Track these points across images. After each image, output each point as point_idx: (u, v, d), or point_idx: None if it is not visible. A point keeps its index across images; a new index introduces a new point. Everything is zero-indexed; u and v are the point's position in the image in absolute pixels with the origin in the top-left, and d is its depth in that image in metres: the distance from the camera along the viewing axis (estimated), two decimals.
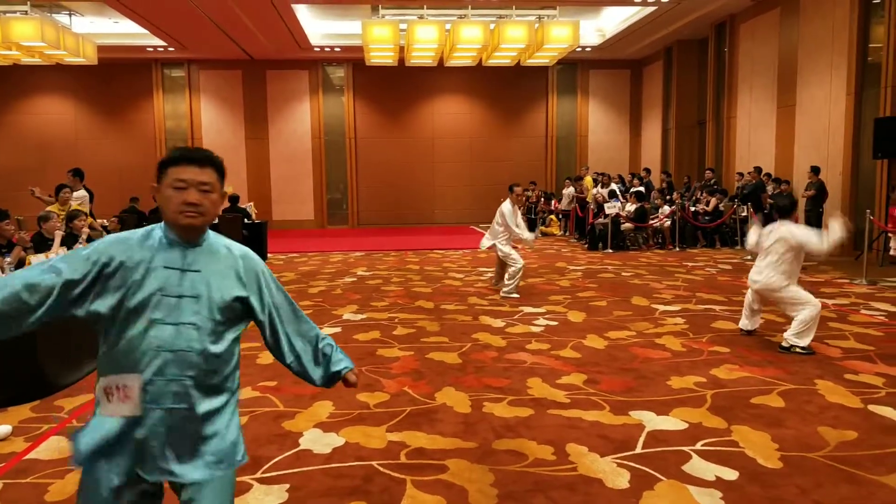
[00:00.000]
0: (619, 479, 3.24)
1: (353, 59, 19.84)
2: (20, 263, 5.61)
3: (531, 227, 17.29)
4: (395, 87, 20.82)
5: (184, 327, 1.92)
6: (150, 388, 1.89)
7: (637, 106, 21.55)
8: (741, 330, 6.19)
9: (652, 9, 15.34)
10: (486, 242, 8.80)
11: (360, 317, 7.24)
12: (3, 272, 4.58)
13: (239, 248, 2.10)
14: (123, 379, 1.90)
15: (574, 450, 3.60)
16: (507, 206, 8.54)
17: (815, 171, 12.16)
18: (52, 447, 3.79)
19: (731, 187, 15.02)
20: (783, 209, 5.93)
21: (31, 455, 3.69)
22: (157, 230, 2.00)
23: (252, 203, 16.88)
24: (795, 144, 13.72)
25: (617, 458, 3.48)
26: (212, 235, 2.07)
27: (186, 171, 1.95)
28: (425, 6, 14.45)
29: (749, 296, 6.08)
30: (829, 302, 7.57)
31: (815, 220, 12.05)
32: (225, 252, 2.05)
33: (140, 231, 2.01)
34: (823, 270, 10.09)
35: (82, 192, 9.45)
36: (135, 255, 1.93)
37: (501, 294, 8.30)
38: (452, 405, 4.35)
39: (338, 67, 20.79)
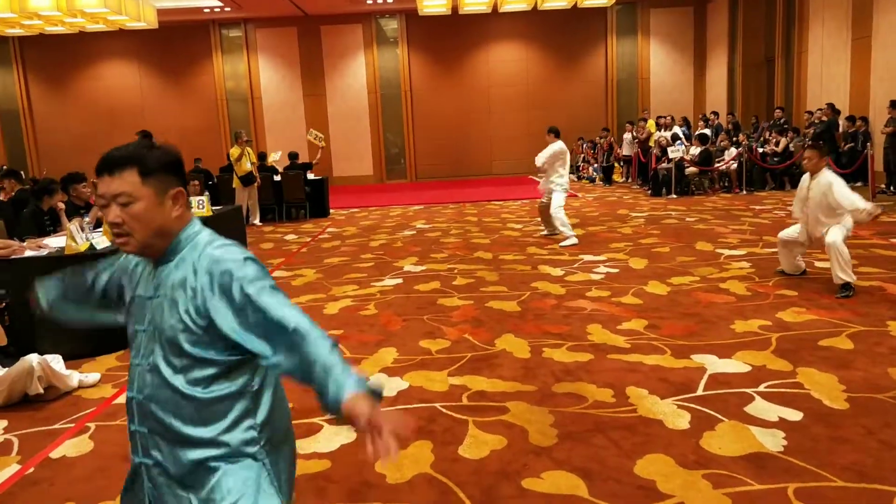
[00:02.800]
0: (680, 421, 3.26)
1: (405, 9, 19.63)
2: (98, 223, 5.91)
3: (605, 175, 16.99)
4: (449, 36, 20.51)
5: (144, 370, 1.52)
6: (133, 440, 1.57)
7: (701, 45, 20.64)
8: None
9: None
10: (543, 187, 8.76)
11: (420, 268, 7.35)
12: (82, 230, 4.87)
13: (209, 255, 1.49)
14: None
15: (634, 392, 3.63)
16: (562, 145, 8.45)
17: (895, 105, 11.50)
18: None
19: (802, 127, 14.36)
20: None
21: (119, 400, 3.95)
22: None
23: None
24: (872, 78, 12.96)
25: (677, 400, 3.50)
26: (199, 241, 1.54)
27: (102, 182, 1.48)
28: None
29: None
30: None
31: (893, 158, 11.46)
32: (189, 264, 1.50)
33: None
34: None
35: None
36: (126, 276, 1.66)
37: (560, 245, 8.23)
38: (512, 351, 4.42)
39: (391, 19, 20.62)
